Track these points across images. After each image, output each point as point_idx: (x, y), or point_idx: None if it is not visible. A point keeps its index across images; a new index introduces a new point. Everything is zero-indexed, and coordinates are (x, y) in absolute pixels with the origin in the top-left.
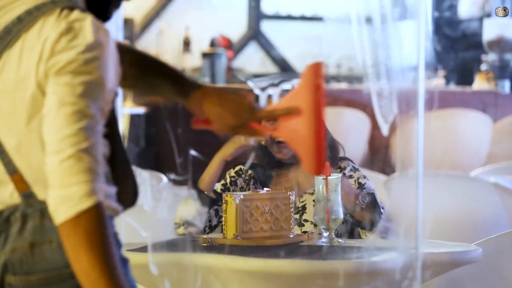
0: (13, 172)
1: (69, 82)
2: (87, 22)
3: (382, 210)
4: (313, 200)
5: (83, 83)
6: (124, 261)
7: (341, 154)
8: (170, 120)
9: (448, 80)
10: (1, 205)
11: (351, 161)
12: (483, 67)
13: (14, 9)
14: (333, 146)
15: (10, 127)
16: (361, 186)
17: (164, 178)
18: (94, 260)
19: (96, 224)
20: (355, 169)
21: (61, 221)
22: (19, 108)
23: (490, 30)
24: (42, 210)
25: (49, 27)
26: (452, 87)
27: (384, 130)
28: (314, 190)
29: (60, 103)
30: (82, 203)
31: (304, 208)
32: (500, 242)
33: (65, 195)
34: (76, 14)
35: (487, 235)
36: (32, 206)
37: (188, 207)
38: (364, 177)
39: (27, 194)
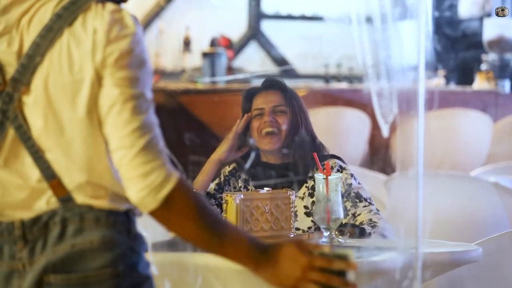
0: (51, 177)
1: (128, 76)
2: (124, 13)
3: (367, 203)
4: (304, 206)
5: (139, 74)
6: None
7: (325, 153)
8: (171, 120)
9: (448, 79)
10: (38, 212)
11: (338, 158)
12: (483, 66)
13: (45, 5)
14: (315, 145)
15: (62, 125)
16: (349, 187)
17: None
18: (199, 226)
19: (185, 197)
20: (342, 168)
21: (153, 209)
22: (76, 100)
23: (490, 30)
24: (82, 213)
25: (92, 20)
26: (452, 86)
27: (385, 132)
28: (304, 194)
29: (123, 98)
30: (166, 186)
31: (295, 215)
32: (500, 242)
33: (148, 184)
34: (111, 5)
35: (487, 235)
36: (71, 210)
37: None
38: (351, 175)
39: (66, 199)
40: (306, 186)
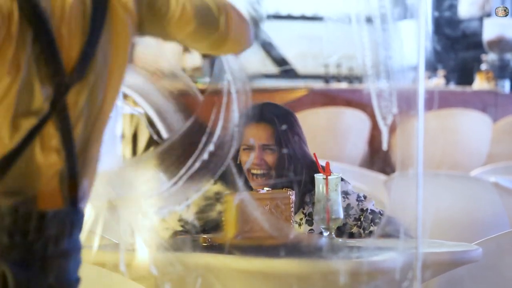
0: None
1: None
2: None
3: (381, 215)
4: (303, 213)
5: None
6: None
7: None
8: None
9: (448, 79)
10: None
11: (341, 180)
12: (483, 66)
13: None
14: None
15: None
16: (363, 211)
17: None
18: None
19: None
20: (349, 191)
21: None
22: None
23: (490, 30)
24: None
25: None
26: (452, 86)
27: (385, 145)
28: (301, 220)
29: None
30: None
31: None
32: (500, 241)
33: None
34: None
35: (487, 235)
36: None
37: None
38: (359, 196)
39: None
40: (303, 212)
